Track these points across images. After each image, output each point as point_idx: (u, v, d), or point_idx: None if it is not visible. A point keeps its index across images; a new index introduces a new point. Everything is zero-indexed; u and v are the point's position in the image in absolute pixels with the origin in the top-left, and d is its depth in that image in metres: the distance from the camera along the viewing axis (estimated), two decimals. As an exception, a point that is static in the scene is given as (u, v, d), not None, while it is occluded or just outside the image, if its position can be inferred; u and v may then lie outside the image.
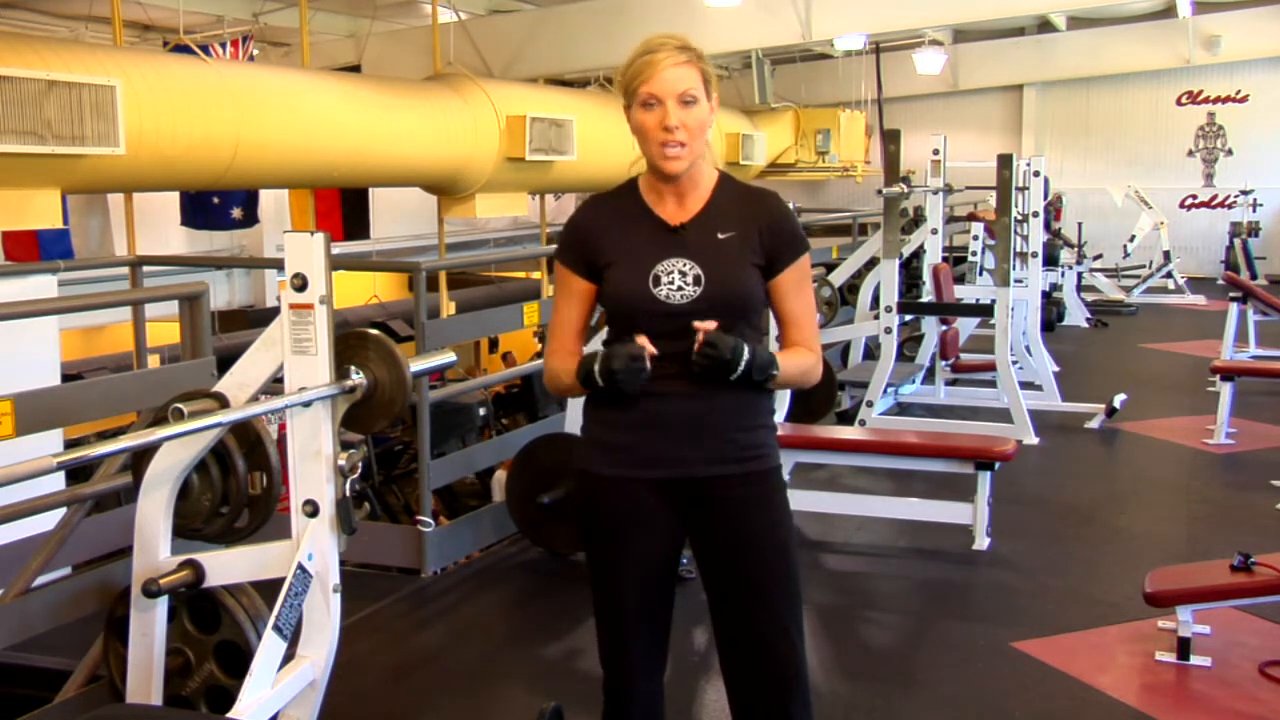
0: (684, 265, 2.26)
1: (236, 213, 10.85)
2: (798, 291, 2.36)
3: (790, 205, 2.45)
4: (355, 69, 11.61)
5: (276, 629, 2.46)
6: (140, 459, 2.67)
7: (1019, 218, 8.03)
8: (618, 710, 2.46)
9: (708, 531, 2.35)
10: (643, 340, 2.21)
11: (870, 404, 6.88)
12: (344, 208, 12.33)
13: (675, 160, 2.23)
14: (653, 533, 2.35)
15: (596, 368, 2.25)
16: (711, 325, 2.19)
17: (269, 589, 2.56)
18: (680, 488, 2.32)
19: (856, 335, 7.98)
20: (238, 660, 2.74)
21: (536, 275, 12.83)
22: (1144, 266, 14.45)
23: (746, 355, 2.21)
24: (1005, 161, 7.04)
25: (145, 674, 2.73)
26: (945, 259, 8.44)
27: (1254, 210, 15.01)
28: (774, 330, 2.41)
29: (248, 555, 2.67)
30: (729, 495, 2.31)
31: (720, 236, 2.29)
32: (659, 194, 2.33)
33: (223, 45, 9.85)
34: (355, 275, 11.73)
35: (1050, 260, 10.69)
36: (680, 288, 2.25)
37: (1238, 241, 14.26)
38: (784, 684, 2.33)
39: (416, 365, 2.64)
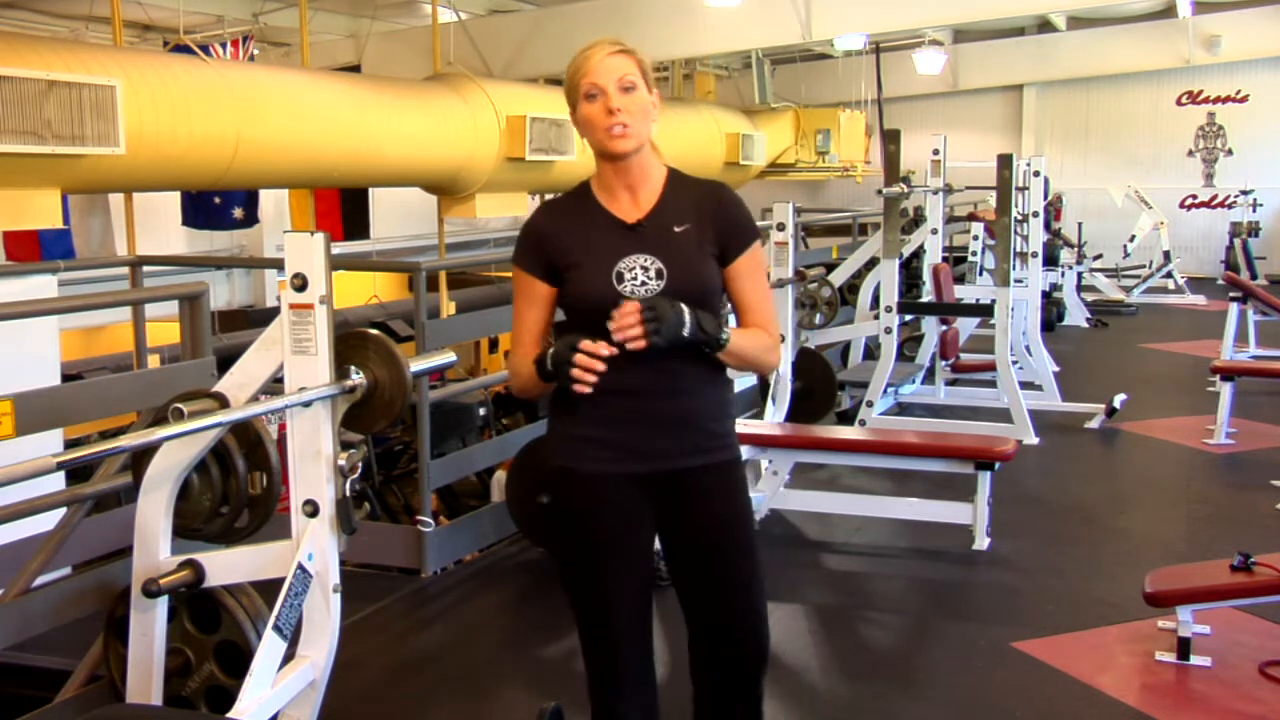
0: (645, 260, 2.30)
1: (237, 213, 10.84)
2: (751, 278, 2.40)
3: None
4: (355, 69, 11.61)
5: (276, 629, 2.46)
6: (140, 459, 2.68)
7: (1019, 218, 8.04)
8: None
9: (683, 521, 2.38)
10: (593, 345, 2.21)
11: (870, 404, 6.88)
12: (344, 208, 12.32)
13: (621, 139, 2.28)
14: (636, 528, 2.38)
15: (550, 353, 2.29)
16: (631, 306, 2.20)
17: (269, 589, 2.56)
18: (658, 481, 2.34)
19: (856, 335, 7.99)
20: (238, 660, 2.74)
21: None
22: (1144, 266, 14.45)
23: (687, 311, 2.23)
24: (1005, 161, 7.04)
25: (145, 674, 2.73)
26: (945, 259, 8.44)
27: (1254, 210, 15.00)
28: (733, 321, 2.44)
29: (248, 555, 2.67)
30: (702, 484, 2.36)
31: (676, 230, 2.33)
32: (612, 192, 2.36)
33: (223, 45, 9.84)
34: (355, 275, 11.70)
35: (1050, 260, 10.69)
36: (644, 283, 2.29)
37: (1238, 241, 14.25)
38: (758, 664, 2.43)
39: (416, 365, 2.64)
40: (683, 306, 2.23)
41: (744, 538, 2.41)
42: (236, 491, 2.67)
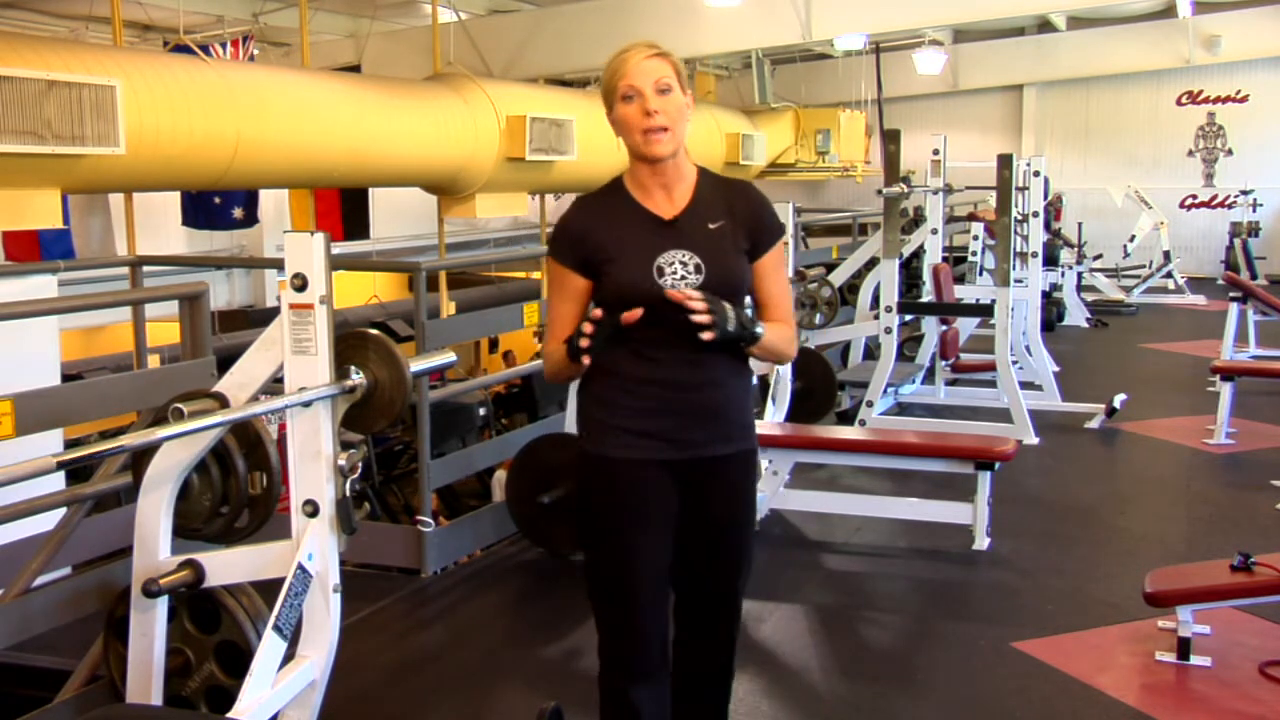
0: (684, 256, 2.37)
1: (237, 213, 10.85)
2: (775, 274, 2.51)
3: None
4: (355, 69, 11.61)
5: (276, 629, 2.46)
6: (140, 459, 2.67)
7: (1019, 218, 8.03)
8: (622, 711, 2.47)
9: (700, 505, 2.45)
10: (598, 313, 2.33)
11: (870, 404, 6.88)
12: (344, 208, 12.33)
13: (659, 143, 2.34)
14: (663, 511, 2.43)
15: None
16: (698, 294, 2.29)
17: (269, 589, 2.56)
18: (687, 468, 2.42)
19: (856, 335, 7.98)
20: (238, 660, 2.73)
21: (536, 275, 12.82)
22: (1144, 266, 14.45)
23: (729, 307, 2.33)
24: (1005, 161, 7.03)
25: (145, 674, 2.72)
26: (945, 259, 8.44)
27: (1254, 210, 15.01)
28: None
29: (248, 555, 2.66)
30: (725, 472, 2.46)
31: (711, 226, 2.41)
32: (646, 190, 2.43)
33: (223, 45, 9.85)
34: (355, 275, 11.72)
35: (1050, 260, 10.69)
36: (683, 276, 2.36)
37: (1238, 241, 14.26)
38: (733, 641, 2.59)
39: (416, 365, 2.64)
40: (725, 304, 2.32)
41: (749, 529, 2.55)
42: (236, 491, 2.67)
